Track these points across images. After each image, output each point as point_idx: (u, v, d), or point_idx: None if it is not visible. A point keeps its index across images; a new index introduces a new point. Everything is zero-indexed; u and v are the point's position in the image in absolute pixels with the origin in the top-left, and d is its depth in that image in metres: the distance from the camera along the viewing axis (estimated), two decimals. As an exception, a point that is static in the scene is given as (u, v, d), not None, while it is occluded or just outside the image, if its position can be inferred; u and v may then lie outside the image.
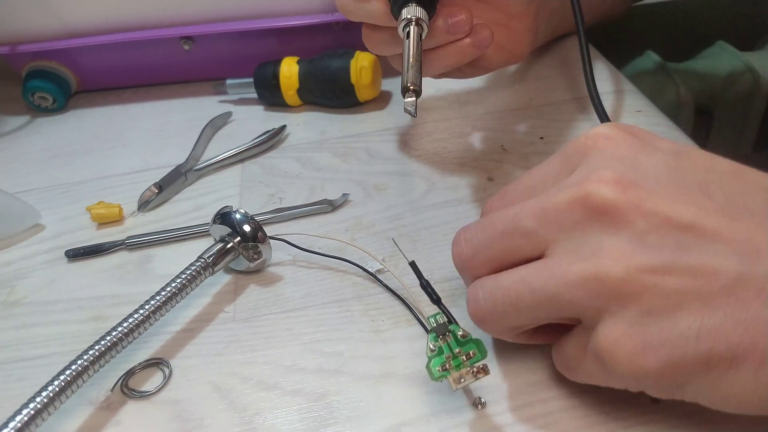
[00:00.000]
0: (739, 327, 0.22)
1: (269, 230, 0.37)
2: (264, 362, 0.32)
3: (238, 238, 0.35)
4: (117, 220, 0.43)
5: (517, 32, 0.40)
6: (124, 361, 0.32)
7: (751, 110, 0.87)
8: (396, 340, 0.32)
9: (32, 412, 0.27)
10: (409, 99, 0.32)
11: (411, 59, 0.32)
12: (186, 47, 0.54)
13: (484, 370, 0.26)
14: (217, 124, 0.52)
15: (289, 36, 0.53)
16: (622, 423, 0.27)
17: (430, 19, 0.34)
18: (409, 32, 0.33)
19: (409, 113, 0.32)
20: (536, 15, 0.41)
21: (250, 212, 0.36)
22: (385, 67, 0.54)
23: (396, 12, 0.35)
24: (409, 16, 0.33)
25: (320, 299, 0.35)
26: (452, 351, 0.27)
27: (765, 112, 0.88)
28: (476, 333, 0.27)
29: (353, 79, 0.49)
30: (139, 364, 0.32)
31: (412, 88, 0.32)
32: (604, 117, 0.41)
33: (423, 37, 0.34)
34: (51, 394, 0.27)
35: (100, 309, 0.36)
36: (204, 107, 0.54)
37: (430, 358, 0.27)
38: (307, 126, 0.50)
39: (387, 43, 0.38)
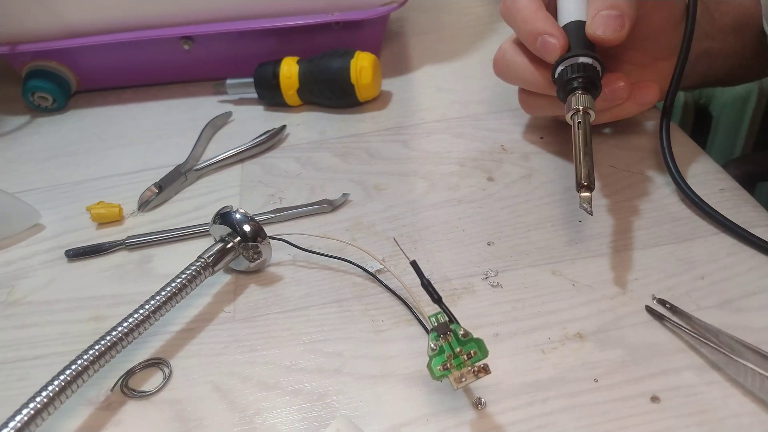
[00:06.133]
0: None
1: (269, 230, 0.37)
2: (264, 362, 0.32)
3: (238, 238, 0.35)
4: (117, 220, 0.43)
5: (665, 72, 0.40)
6: (124, 361, 0.32)
7: (751, 110, 0.87)
8: (396, 340, 0.32)
9: (32, 412, 0.27)
10: (585, 194, 0.32)
11: (582, 152, 0.33)
12: (186, 47, 0.54)
13: (485, 370, 0.26)
14: (217, 124, 0.52)
15: (289, 36, 0.53)
16: (622, 423, 0.27)
17: (596, 98, 0.35)
18: (579, 122, 0.34)
19: (585, 210, 0.32)
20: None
21: (250, 212, 0.36)
22: (385, 68, 0.54)
23: (562, 97, 0.35)
24: (578, 107, 0.34)
25: (320, 299, 0.35)
26: (453, 350, 0.27)
27: (765, 112, 0.88)
28: (477, 333, 0.27)
29: (353, 79, 0.49)
30: (139, 364, 0.32)
31: (585, 184, 0.32)
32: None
33: (591, 121, 0.34)
34: (51, 394, 0.27)
35: (100, 309, 0.36)
36: (204, 107, 0.54)
37: (431, 357, 0.27)
38: (307, 126, 0.50)
39: (546, 108, 0.41)
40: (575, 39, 0.36)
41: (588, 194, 0.32)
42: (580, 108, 0.34)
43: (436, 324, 0.28)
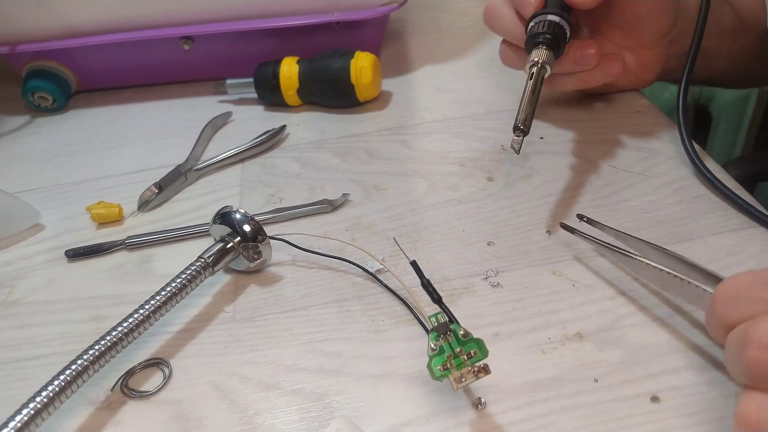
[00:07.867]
0: None
1: (269, 230, 0.37)
2: (264, 362, 0.32)
3: (238, 238, 0.35)
4: (117, 220, 0.43)
5: (645, 59, 0.42)
6: (124, 361, 0.32)
7: (751, 110, 0.87)
8: (396, 340, 0.32)
9: (32, 412, 0.26)
10: (516, 137, 0.34)
11: (527, 100, 0.35)
12: (186, 47, 0.54)
13: (485, 370, 0.26)
14: (217, 124, 0.52)
15: (289, 36, 0.53)
16: (622, 423, 0.27)
17: (558, 57, 0.38)
18: (532, 73, 0.36)
19: (514, 149, 0.35)
20: (666, 48, 0.43)
21: (250, 212, 0.36)
22: (385, 68, 0.54)
23: (528, 49, 0.38)
24: (535, 59, 0.36)
25: (320, 299, 0.35)
26: (453, 350, 0.27)
27: (765, 112, 0.88)
28: (477, 333, 0.27)
29: (353, 79, 0.49)
30: (139, 364, 0.32)
31: (521, 127, 0.34)
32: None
33: (546, 76, 0.36)
34: (51, 394, 0.27)
35: (100, 309, 0.36)
36: (204, 107, 0.54)
37: (431, 358, 0.27)
38: (307, 126, 0.50)
39: (519, 62, 0.43)
40: (553, 1, 0.38)
41: (520, 137, 0.34)
42: (538, 61, 0.36)
43: (436, 324, 0.28)
